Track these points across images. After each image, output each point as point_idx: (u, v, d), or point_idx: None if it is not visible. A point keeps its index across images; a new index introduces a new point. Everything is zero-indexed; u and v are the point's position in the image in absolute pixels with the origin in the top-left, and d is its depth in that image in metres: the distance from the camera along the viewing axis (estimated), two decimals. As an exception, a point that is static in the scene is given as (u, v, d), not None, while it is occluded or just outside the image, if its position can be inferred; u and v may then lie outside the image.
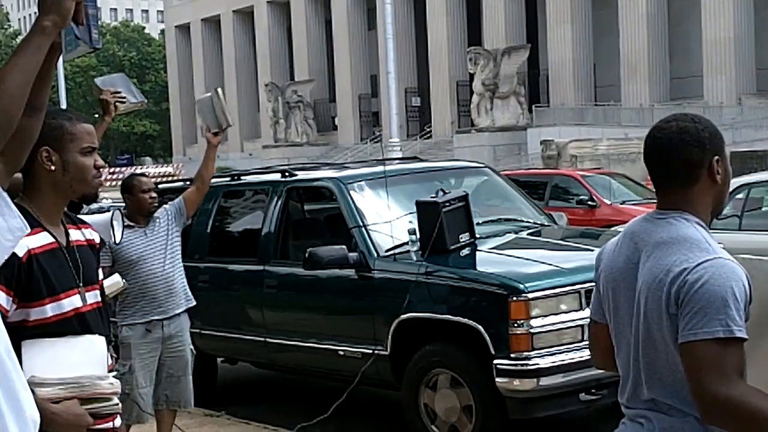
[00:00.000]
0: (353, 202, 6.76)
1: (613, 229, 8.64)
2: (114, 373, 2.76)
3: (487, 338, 5.66)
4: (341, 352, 6.56)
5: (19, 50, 2.04)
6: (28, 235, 2.53)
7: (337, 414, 6.42)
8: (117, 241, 5.01)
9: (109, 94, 4.64)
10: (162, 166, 51.24)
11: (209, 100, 5.62)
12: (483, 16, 42.67)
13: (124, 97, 4.73)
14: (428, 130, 44.87)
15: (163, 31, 73.30)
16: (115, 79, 4.90)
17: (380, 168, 7.13)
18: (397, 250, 6.40)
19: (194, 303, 5.94)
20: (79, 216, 3.15)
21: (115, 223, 4.62)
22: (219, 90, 5.66)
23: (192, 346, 5.96)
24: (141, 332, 5.63)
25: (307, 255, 6.32)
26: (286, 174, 7.53)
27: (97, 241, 2.90)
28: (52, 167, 2.66)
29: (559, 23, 40.82)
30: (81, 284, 2.68)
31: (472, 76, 38.97)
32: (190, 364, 5.94)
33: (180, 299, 5.78)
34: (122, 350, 5.57)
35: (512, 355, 5.58)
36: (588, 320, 2.66)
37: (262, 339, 7.23)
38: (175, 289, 5.73)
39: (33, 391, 2.45)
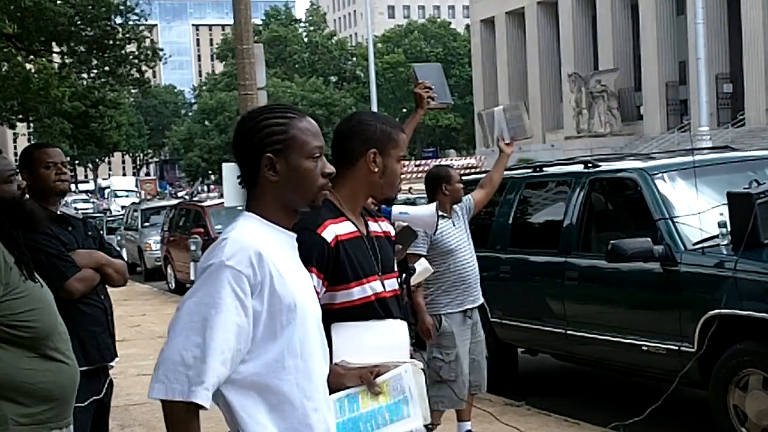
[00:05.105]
0: (659, 193, 6.57)
1: None
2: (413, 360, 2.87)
3: (805, 339, 5.31)
4: (644, 348, 6.40)
5: None
6: (335, 222, 2.73)
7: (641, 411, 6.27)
8: (434, 233, 5.24)
9: (423, 88, 4.72)
10: (465, 158, 52.23)
11: (501, 113, 5.70)
12: (804, -5, 39.82)
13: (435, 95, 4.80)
14: (741, 117, 42.48)
15: (468, 26, 74.60)
16: (432, 69, 4.90)
17: (688, 158, 6.87)
18: (705, 244, 6.15)
19: None
20: (404, 208, 3.40)
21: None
22: (523, 103, 5.73)
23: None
24: (460, 320, 5.82)
25: (610, 247, 6.21)
26: (589, 165, 7.45)
27: (393, 233, 3.05)
28: (376, 168, 2.85)
29: None
30: (380, 272, 2.83)
31: (791, 59, 36.51)
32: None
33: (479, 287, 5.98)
34: (444, 339, 5.73)
35: (833, 359, 5.20)
36: None
37: (562, 331, 7.20)
38: (478, 277, 5.94)
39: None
